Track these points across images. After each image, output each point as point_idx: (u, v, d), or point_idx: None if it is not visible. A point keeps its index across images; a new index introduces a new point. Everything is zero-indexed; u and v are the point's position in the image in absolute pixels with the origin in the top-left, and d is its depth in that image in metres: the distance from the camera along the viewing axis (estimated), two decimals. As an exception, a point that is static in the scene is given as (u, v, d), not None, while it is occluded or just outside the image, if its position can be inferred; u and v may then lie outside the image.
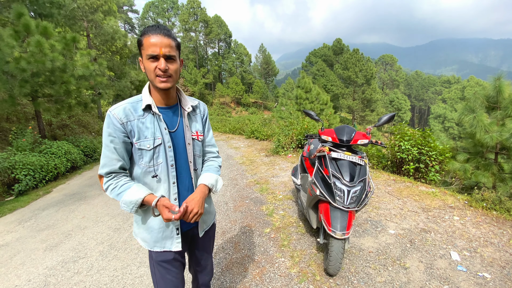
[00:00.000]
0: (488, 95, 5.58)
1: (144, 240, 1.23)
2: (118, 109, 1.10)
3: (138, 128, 1.12)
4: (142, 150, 1.13)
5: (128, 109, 1.11)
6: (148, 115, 1.14)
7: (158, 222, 1.20)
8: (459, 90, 44.34)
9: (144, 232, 1.22)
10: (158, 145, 1.14)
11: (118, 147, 1.11)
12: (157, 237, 1.21)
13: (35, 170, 5.85)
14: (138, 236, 1.26)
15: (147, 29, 1.05)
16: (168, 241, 1.22)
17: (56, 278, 2.53)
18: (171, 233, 1.22)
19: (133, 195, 1.08)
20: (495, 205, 3.06)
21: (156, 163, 1.16)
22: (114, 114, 1.09)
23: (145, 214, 1.21)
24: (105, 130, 1.10)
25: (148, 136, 1.13)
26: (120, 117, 1.09)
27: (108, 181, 1.11)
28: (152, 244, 1.22)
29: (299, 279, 2.19)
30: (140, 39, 1.07)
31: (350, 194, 2.09)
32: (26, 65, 6.14)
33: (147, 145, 1.13)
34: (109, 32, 17.19)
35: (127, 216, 3.96)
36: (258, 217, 3.41)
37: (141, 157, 1.14)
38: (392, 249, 2.53)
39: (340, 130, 2.40)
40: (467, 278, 2.08)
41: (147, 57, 1.04)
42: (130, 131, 1.11)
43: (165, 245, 1.22)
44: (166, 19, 55.40)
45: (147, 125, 1.13)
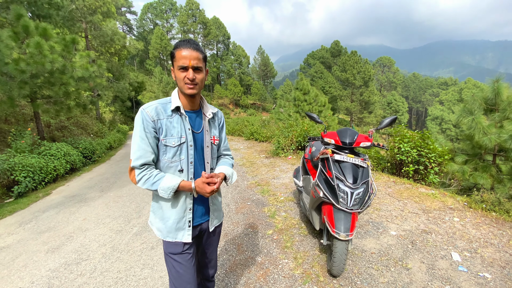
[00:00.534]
0: (487, 97, 5.64)
1: (159, 229, 1.34)
2: (151, 108, 1.25)
3: (166, 126, 1.25)
4: (167, 146, 1.26)
5: (159, 109, 1.26)
6: (175, 115, 1.28)
7: (174, 213, 1.30)
8: (456, 92, 44.71)
9: (160, 222, 1.33)
10: (182, 143, 1.28)
11: (151, 141, 1.23)
12: (171, 228, 1.30)
13: (34, 172, 5.83)
14: (153, 225, 1.37)
15: (179, 43, 1.21)
16: (180, 232, 1.31)
17: (59, 280, 2.53)
18: (184, 224, 1.32)
19: (170, 182, 1.21)
20: (495, 207, 3.10)
21: (178, 159, 1.29)
22: (147, 112, 1.23)
23: (166, 205, 1.31)
24: (139, 125, 1.22)
25: (174, 134, 1.26)
26: (152, 115, 1.23)
27: (142, 172, 1.22)
28: (166, 234, 1.31)
29: (303, 280, 2.22)
30: (173, 52, 1.21)
31: (353, 196, 2.12)
32: (25, 67, 6.13)
33: (172, 142, 1.26)
34: (108, 34, 17.18)
35: (128, 218, 3.96)
36: (260, 219, 3.43)
37: (165, 153, 1.27)
38: (394, 250, 2.56)
39: (343, 133, 2.43)
40: (468, 278, 2.12)
41: (178, 67, 1.20)
42: (159, 128, 1.24)
43: (177, 236, 1.31)
44: (164, 20, 55.44)
45: (174, 124, 1.27)
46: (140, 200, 4.71)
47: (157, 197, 1.32)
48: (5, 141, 7.41)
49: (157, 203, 1.34)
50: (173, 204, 1.30)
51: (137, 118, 1.23)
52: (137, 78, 28.63)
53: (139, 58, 51.99)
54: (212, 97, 48.16)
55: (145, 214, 4.04)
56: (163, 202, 1.31)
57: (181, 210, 1.31)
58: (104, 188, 5.73)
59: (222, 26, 54.77)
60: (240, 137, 12.32)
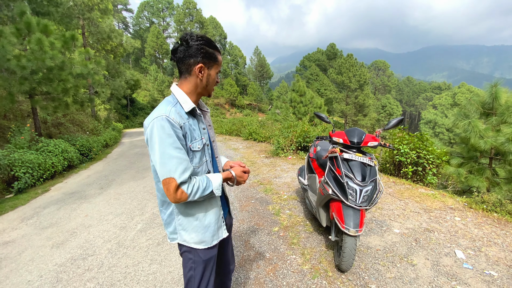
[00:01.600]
0: (484, 101, 5.79)
1: (201, 241, 1.24)
2: (173, 113, 1.11)
3: (190, 130, 1.16)
4: (194, 151, 1.17)
5: (177, 113, 1.13)
6: (190, 117, 1.19)
7: (213, 216, 1.27)
8: (450, 97, 45.52)
9: (200, 235, 1.24)
10: (204, 145, 1.23)
11: (186, 150, 1.14)
12: (214, 230, 1.27)
13: (33, 168, 5.77)
14: (190, 242, 1.25)
15: (216, 47, 1.19)
16: (220, 230, 1.32)
17: (67, 275, 2.52)
18: (221, 222, 1.33)
19: (216, 179, 1.19)
20: (496, 207, 3.20)
21: (204, 161, 1.24)
22: (173, 119, 1.09)
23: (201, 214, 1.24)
24: (170, 135, 1.07)
25: (197, 137, 1.19)
26: (178, 121, 1.11)
27: (190, 184, 1.11)
28: (211, 239, 1.26)
29: (312, 275, 2.26)
30: (214, 54, 1.17)
31: (362, 193, 2.18)
32: (26, 63, 6.08)
33: (198, 146, 1.19)
34: (106, 31, 17.04)
35: (131, 215, 3.95)
36: (265, 217, 3.48)
37: (193, 159, 1.17)
38: (399, 247, 2.63)
39: (351, 132, 2.49)
40: (474, 275, 2.19)
41: (218, 72, 1.22)
42: (185, 134, 1.14)
43: (219, 235, 1.31)
44: (161, 19, 55.11)
45: (193, 127, 1.19)
46: (142, 197, 4.70)
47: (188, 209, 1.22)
48: (4, 137, 7.30)
49: (187, 217, 1.23)
50: (209, 208, 1.25)
51: (164, 128, 1.06)
52: (133, 76, 28.37)
53: (134, 56, 51.55)
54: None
55: (148, 211, 4.04)
56: (198, 212, 1.23)
57: (217, 210, 1.30)
58: (104, 186, 5.69)
59: (219, 26, 54.73)
60: (238, 137, 12.35)
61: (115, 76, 21.12)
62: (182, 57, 1.14)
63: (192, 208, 1.23)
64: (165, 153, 1.06)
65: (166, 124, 1.06)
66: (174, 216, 1.25)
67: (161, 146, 1.06)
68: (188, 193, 1.09)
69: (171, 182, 1.07)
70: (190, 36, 1.13)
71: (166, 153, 1.06)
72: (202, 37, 1.14)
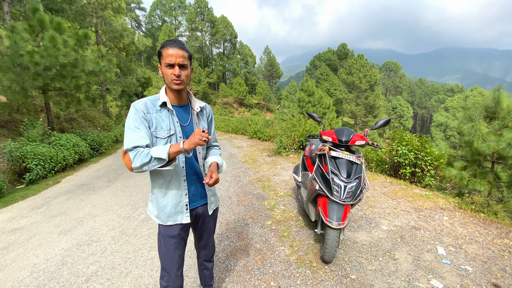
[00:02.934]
0: (487, 105, 5.76)
1: (157, 217, 1.48)
2: (141, 103, 1.37)
3: (156, 120, 1.37)
4: (157, 138, 1.38)
5: (148, 104, 1.38)
6: (164, 110, 1.40)
7: (171, 200, 1.45)
8: (462, 99, 44.46)
9: (157, 210, 1.47)
10: (171, 135, 1.40)
11: (145, 130, 1.34)
12: (170, 213, 1.45)
13: (45, 161, 6.09)
14: (152, 214, 1.51)
15: (166, 43, 1.32)
16: (179, 215, 1.48)
17: (72, 258, 2.75)
18: (182, 208, 1.47)
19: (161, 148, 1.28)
20: (483, 208, 3.26)
21: None
22: (138, 107, 1.36)
23: (159, 195, 1.45)
24: (132, 118, 1.33)
25: (164, 127, 1.39)
26: (142, 109, 1.36)
27: (134, 151, 1.27)
28: (165, 219, 1.46)
29: (297, 265, 2.41)
30: (160, 51, 1.33)
31: (346, 189, 2.30)
32: (39, 59, 6.39)
33: (162, 134, 1.38)
34: (118, 29, 17.46)
35: (135, 206, 4.18)
36: (260, 211, 3.63)
37: (156, 144, 1.38)
38: (384, 242, 2.74)
39: (340, 132, 2.61)
40: (451, 270, 2.29)
41: (165, 64, 1.31)
42: (149, 121, 1.36)
43: (176, 219, 1.47)
44: (173, 17, 55.85)
45: (163, 118, 1.39)
46: (147, 190, 4.93)
47: (153, 188, 1.46)
48: (17, 130, 7.70)
49: (153, 193, 1.48)
50: (167, 192, 1.44)
51: (130, 112, 1.35)
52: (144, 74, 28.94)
53: (146, 54, 52.47)
54: (217, 95, 48.46)
55: (151, 203, 4.25)
56: (158, 192, 1.45)
57: (177, 196, 1.45)
58: (112, 179, 5.96)
59: (230, 25, 55.04)
60: (244, 135, 12.53)
61: (127, 73, 21.63)
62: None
63: (155, 187, 1.46)
64: (126, 129, 1.34)
65: (133, 110, 1.35)
66: (151, 189, 1.52)
67: (126, 124, 1.35)
68: (131, 158, 1.27)
69: (123, 148, 1.33)
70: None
71: (126, 130, 1.34)
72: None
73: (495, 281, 2.10)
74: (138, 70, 24.90)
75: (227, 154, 7.90)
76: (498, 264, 2.34)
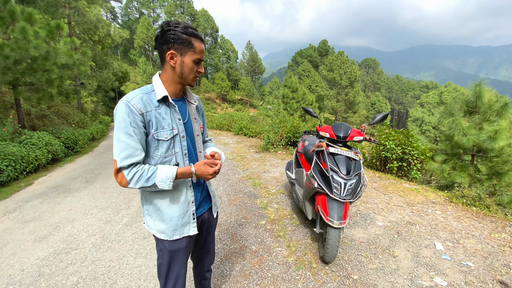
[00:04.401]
0: (468, 100, 5.95)
1: (161, 231, 1.24)
2: (136, 99, 1.09)
3: (156, 119, 1.13)
4: (159, 140, 1.14)
5: (145, 99, 1.11)
6: (162, 106, 1.16)
7: (177, 210, 1.23)
8: (437, 95, 46.59)
9: (161, 224, 1.23)
10: (175, 135, 1.19)
11: (139, 137, 1.10)
12: (176, 225, 1.24)
13: (16, 161, 5.58)
14: (153, 229, 1.26)
15: (195, 33, 1.12)
16: (186, 227, 1.27)
17: (50, 269, 2.48)
18: (189, 218, 1.27)
19: (167, 171, 1.12)
20: (475, 202, 3.33)
21: (172, 153, 1.20)
22: (134, 104, 1.07)
23: (164, 205, 1.22)
24: (124, 119, 1.06)
25: (165, 126, 1.15)
26: (140, 107, 1.08)
27: (131, 170, 1.08)
28: (171, 233, 1.24)
29: (297, 267, 2.30)
30: (191, 40, 1.11)
31: (346, 186, 2.22)
32: (9, 52, 5.84)
33: (165, 136, 1.15)
34: (92, 21, 16.51)
35: (117, 209, 3.90)
36: (253, 210, 3.49)
37: (157, 148, 1.15)
38: (381, 239, 2.70)
39: (337, 127, 2.52)
40: (452, 266, 2.28)
41: (196, 59, 1.14)
42: (148, 122, 1.11)
43: (183, 231, 1.26)
44: (150, 10, 53.84)
45: (164, 115, 1.15)
46: (128, 191, 4.63)
47: (152, 198, 1.22)
48: (-17, 128, 7.02)
49: (152, 205, 1.23)
50: (173, 201, 1.22)
51: (121, 111, 1.06)
52: (121, 68, 27.68)
53: (123, 47, 50.30)
54: (199, 90, 47.46)
55: (135, 205, 3.99)
56: (160, 202, 1.21)
57: (184, 205, 1.25)
58: (89, 179, 5.58)
59: (211, 19, 53.92)
60: (229, 132, 12.30)
61: (103, 67, 20.54)
62: (157, 44, 1.13)
63: (156, 197, 1.22)
64: (116, 136, 1.08)
65: (125, 108, 1.06)
66: (144, 201, 1.26)
67: (116, 128, 1.08)
68: (128, 179, 1.08)
69: (115, 164, 1.08)
70: (166, 23, 1.11)
71: (117, 136, 1.08)
72: (179, 23, 1.10)
73: (501, 278, 2.11)
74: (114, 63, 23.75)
75: (213, 151, 7.68)
76: (500, 259, 2.36)
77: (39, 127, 8.78)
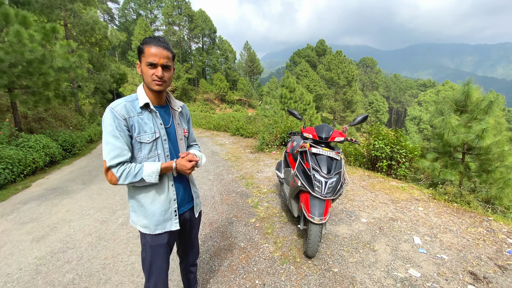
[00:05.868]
0: (457, 99, 6.08)
1: (144, 226, 1.36)
2: (120, 106, 1.24)
3: (138, 123, 1.27)
4: (142, 143, 1.28)
5: (128, 107, 1.26)
6: (145, 112, 1.30)
7: (159, 207, 1.35)
8: (434, 94, 46.84)
9: (144, 219, 1.36)
10: (156, 139, 1.32)
11: (125, 139, 1.24)
12: (158, 220, 1.36)
13: (13, 164, 5.69)
14: (137, 224, 1.38)
15: (149, 40, 1.22)
16: (168, 222, 1.40)
17: (47, 267, 2.60)
18: (170, 215, 1.40)
19: (152, 166, 1.26)
20: (456, 198, 3.46)
21: (155, 154, 1.33)
22: (117, 111, 1.22)
23: (147, 202, 1.34)
24: (110, 124, 1.21)
25: (147, 130, 1.29)
26: (123, 113, 1.23)
27: (120, 168, 1.22)
28: (154, 228, 1.36)
29: (282, 261, 2.43)
30: (141, 47, 1.23)
31: (327, 185, 2.34)
32: (4, 56, 5.93)
33: (147, 139, 1.29)
34: (89, 23, 16.56)
35: (113, 209, 4.02)
36: (244, 209, 3.62)
37: (140, 150, 1.29)
38: (364, 235, 2.83)
39: (320, 128, 2.65)
40: (427, 259, 2.41)
41: (147, 63, 1.22)
42: (131, 126, 1.26)
43: (165, 227, 1.38)
44: (148, 11, 53.85)
45: (146, 121, 1.29)
46: (124, 192, 4.75)
47: (136, 195, 1.34)
48: (-20, 131, 7.11)
49: (137, 202, 1.35)
50: (155, 198, 1.33)
51: (107, 117, 1.21)
52: (119, 69, 27.75)
53: (121, 49, 50.30)
54: (197, 91, 47.57)
55: (130, 205, 4.11)
56: (144, 199, 1.33)
57: (165, 202, 1.36)
58: (86, 181, 5.69)
59: (208, 19, 53.97)
60: (226, 132, 12.42)
61: (100, 69, 20.63)
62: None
63: (139, 194, 1.34)
64: (104, 139, 1.23)
65: (110, 114, 1.22)
66: (129, 198, 1.40)
67: (104, 132, 1.23)
68: (117, 176, 1.22)
69: (104, 164, 1.22)
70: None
71: (105, 139, 1.22)
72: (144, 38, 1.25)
73: (471, 269, 2.24)
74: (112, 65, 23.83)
75: (209, 151, 7.79)
76: (473, 252, 2.50)
77: (36, 130, 8.88)
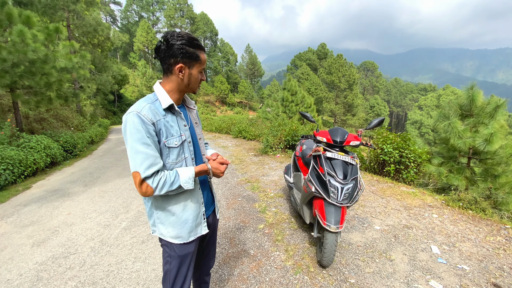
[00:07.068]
0: (462, 103, 6.00)
1: (177, 236, 1.26)
2: (146, 109, 1.12)
3: (165, 127, 1.17)
4: (170, 148, 1.19)
5: (153, 109, 1.15)
6: (168, 114, 1.20)
7: (191, 213, 1.28)
8: (435, 98, 46.82)
9: (177, 229, 1.26)
10: (183, 141, 1.24)
11: (155, 146, 1.14)
12: (191, 227, 1.29)
13: (13, 165, 5.58)
14: (167, 236, 1.27)
15: (202, 45, 1.20)
16: (199, 227, 1.33)
17: (48, 273, 2.48)
18: (201, 219, 1.34)
19: (187, 172, 1.19)
20: (471, 205, 3.35)
21: (182, 158, 1.25)
22: (144, 115, 1.11)
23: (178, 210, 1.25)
24: (139, 131, 1.09)
25: (174, 134, 1.20)
26: (150, 117, 1.12)
27: (155, 178, 1.12)
28: (187, 236, 1.28)
29: (295, 271, 2.32)
30: (197, 53, 1.18)
31: (343, 191, 2.24)
32: (7, 55, 5.86)
33: (175, 143, 1.20)
34: (92, 24, 16.58)
35: (116, 213, 3.90)
36: (251, 214, 3.51)
37: (168, 155, 1.19)
38: (378, 243, 2.72)
39: (334, 132, 2.55)
40: (448, 270, 2.30)
41: (201, 69, 1.23)
42: (159, 130, 1.15)
43: (197, 232, 1.32)
44: (150, 13, 54.08)
45: (171, 123, 1.20)
46: (127, 195, 4.64)
47: (165, 205, 1.24)
48: (-19, 131, 7.01)
49: (166, 212, 1.25)
50: (186, 204, 1.26)
51: (134, 122, 1.09)
52: (121, 71, 27.73)
53: (122, 50, 50.43)
54: (198, 93, 47.56)
55: (134, 209, 4.00)
56: (175, 207, 1.24)
57: (196, 206, 1.30)
58: (88, 183, 5.58)
59: (210, 22, 54.17)
60: (228, 135, 12.33)
61: (102, 70, 20.61)
62: (163, 57, 1.15)
63: (169, 202, 1.24)
64: (133, 148, 1.10)
65: (136, 119, 1.09)
66: (153, 209, 1.27)
67: (131, 140, 1.10)
68: (153, 187, 1.12)
69: (137, 176, 1.10)
70: (171, 36, 1.13)
71: (134, 148, 1.09)
72: (183, 36, 1.13)
73: (495, 281, 2.13)
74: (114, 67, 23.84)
75: (211, 154, 7.70)
76: (495, 262, 2.39)
77: (37, 131, 8.78)
